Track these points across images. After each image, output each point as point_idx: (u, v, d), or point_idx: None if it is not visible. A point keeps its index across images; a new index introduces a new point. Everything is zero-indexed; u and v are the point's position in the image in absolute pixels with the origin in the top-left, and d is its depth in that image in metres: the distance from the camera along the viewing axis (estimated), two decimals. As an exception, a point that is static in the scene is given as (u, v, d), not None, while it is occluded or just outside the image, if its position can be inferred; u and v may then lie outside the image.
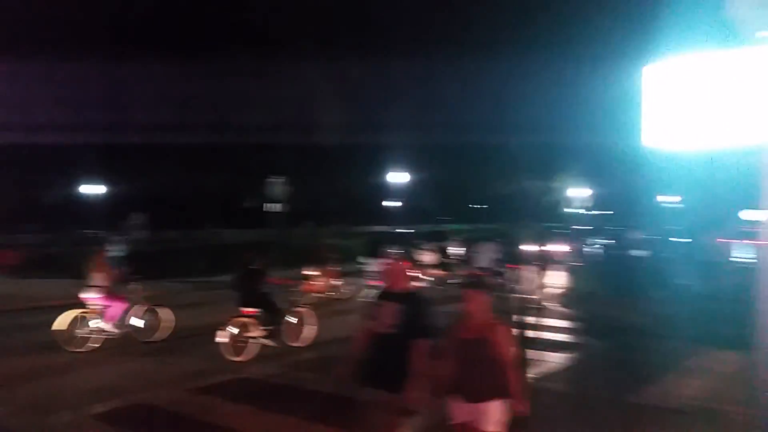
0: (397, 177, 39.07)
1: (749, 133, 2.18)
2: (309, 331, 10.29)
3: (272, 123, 27.46)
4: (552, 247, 20.28)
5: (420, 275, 15.91)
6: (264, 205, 22.95)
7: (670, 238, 22.86)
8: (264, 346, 9.31)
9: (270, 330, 9.35)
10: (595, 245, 28.63)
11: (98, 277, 9.92)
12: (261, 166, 28.45)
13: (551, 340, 11.29)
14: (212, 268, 19.83)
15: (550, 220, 59.53)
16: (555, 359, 9.52)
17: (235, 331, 9.08)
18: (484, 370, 4.07)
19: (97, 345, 9.70)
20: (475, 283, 4.49)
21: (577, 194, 60.04)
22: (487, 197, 60.28)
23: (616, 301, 15.19)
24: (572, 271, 20.35)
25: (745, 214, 26.33)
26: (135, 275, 10.76)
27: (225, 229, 33.20)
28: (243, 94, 26.20)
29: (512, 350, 4.09)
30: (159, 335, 10.38)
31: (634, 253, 19.87)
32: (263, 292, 9.51)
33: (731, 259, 16.44)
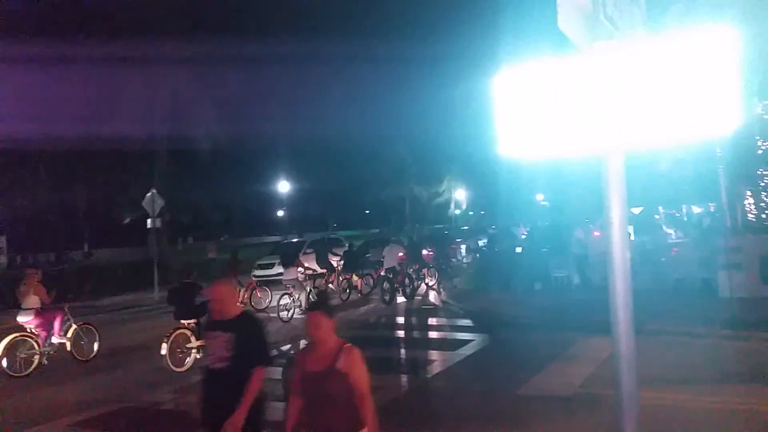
0: (285, 186, 38.63)
1: (593, 142, 2.28)
2: None
3: (147, 132, 26.11)
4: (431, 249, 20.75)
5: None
6: (147, 221, 21.53)
7: (549, 233, 24.30)
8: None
9: None
10: (480, 244, 29.78)
11: (33, 300, 10.17)
12: (138, 180, 26.89)
13: (441, 338, 11.56)
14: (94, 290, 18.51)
15: (437, 222, 61.38)
16: (445, 357, 9.74)
17: (177, 341, 9.55)
18: (335, 405, 3.52)
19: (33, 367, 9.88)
20: (319, 303, 3.76)
21: (460, 196, 62.41)
22: (376, 203, 60.90)
23: (500, 295, 15.85)
24: (458, 268, 21.07)
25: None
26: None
27: (103, 249, 31.20)
28: (113, 100, 24.54)
29: (365, 377, 3.57)
30: (91, 353, 10.72)
31: (516, 248, 20.78)
32: (200, 303, 9.69)
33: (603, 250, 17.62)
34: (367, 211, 67.72)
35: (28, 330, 10.08)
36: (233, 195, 38.61)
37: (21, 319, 10.22)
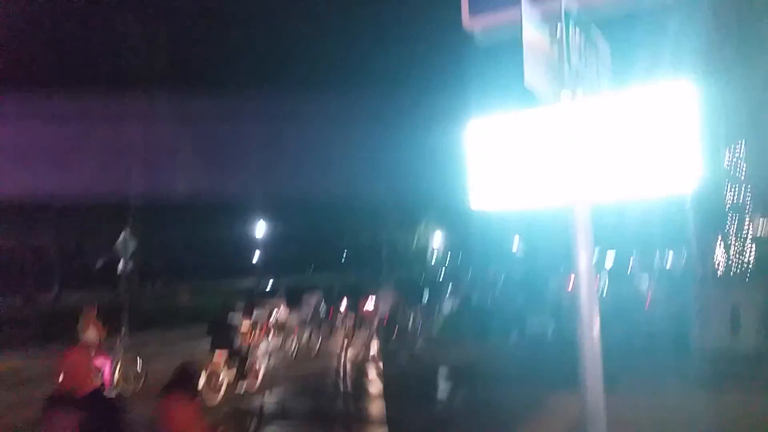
0: (262, 229, 38.37)
1: (560, 194, 2.35)
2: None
3: (118, 173, 25.92)
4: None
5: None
6: (116, 263, 21.09)
7: (526, 282, 24.35)
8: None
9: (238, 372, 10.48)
10: (457, 293, 29.65)
11: (90, 335, 10.39)
12: (108, 221, 26.46)
13: (418, 394, 11.27)
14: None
15: (413, 269, 61.29)
16: (421, 411, 9.52)
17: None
18: None
19: None
20: (178, 382, 2.85)
21: (437, 244, 62.61)
22: (353, 248, 60.78)
23: (475, 346, 15.68)
24: (435, 317, 20.91)
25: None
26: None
27: (73, 291, 30.48)
28: (80, 141, 24.41)
29: None
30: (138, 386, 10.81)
31: (492, 298, 20.74)
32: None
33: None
34: (344, 255, 67.46)
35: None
36: (208, 237, 38.19)
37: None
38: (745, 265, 15.03)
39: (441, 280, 39.65)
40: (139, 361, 11.22)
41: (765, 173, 10.31)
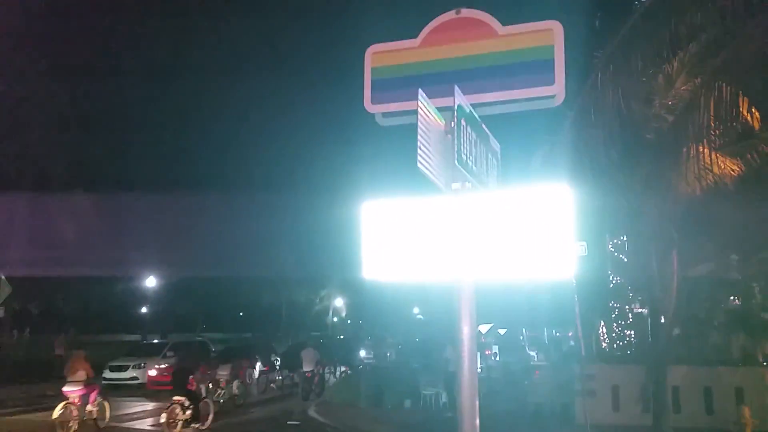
0: (151, 281, 36.50)
1: (446, 271, 2.53)
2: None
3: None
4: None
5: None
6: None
7: (420, 349, 24.55)
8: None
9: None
10: (354, 356, 29.34)
11: (79, 374, 12.50)
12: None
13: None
14: None
15: (314, 329, 60.20)
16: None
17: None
18: None
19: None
20: None
21: (339, 304, 62.11)
22: (250, 305, 59.04)
23: (370, 412, 15.46)
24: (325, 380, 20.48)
25: (481, 328, 29.71)
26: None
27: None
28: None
29: None
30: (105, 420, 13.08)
31: (388, 362, 20.67)
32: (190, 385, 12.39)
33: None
34: (241, 313, 65.26)
35: (71, 399, 12.19)
36: (90, 287, 35.84)
37: (68, 389, 12.34)
38: (626, 345, 16.00)
39: (340, 343, 39.15)
40: None
41: (642, 265, 11.18)
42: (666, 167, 9.30)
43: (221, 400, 15.87)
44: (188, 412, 11.95)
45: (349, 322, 71.58)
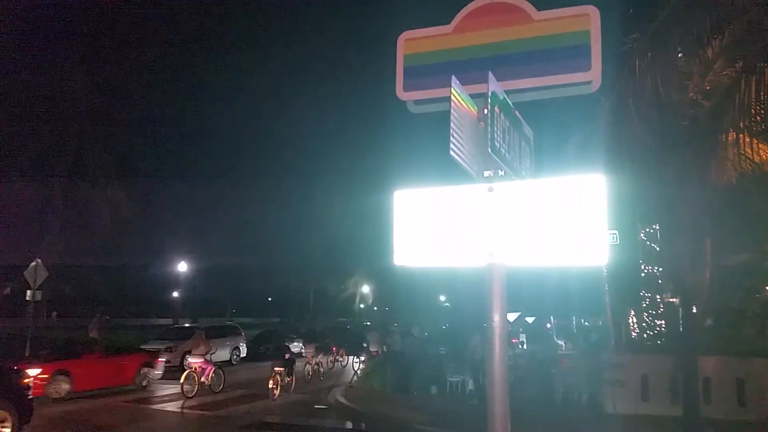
0: (183, 267, 37.06)
1: (477, 256, 2.53)
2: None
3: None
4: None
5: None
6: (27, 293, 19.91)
7: (447, 336, 24.56)
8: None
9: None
10: (382, 342, 29.45)
11: (201, 349, 16.32)
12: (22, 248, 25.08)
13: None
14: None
15: (341, 316, 60.62)
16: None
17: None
18: None
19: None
20: None
21: (366, 291, 62.40)
22: (280, 291, 59.74)
23: (396, 398, 15.56)
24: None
25: (509, 316, 29.36)
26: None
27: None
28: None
29: None
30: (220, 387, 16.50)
31: (415, 349, 20.68)
32: (288, 358, 16.36)
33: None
34: (270, 299, 66.05)
35: (193, 368, 15.71)
36: (125, 273, 36.68)
37: (191, 360, 16.18)
38: (656, 335, 15.79)
39: (367, 329, 39.41)
40: None
41: (675, 254, 10.99)
42: (702, 154, 9.09)
43: (308, 375, 19.40)
44: (287, 379, 15.97)
45: (375, 308, 71.92)
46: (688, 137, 9.43)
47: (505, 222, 2.46)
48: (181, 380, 15.19)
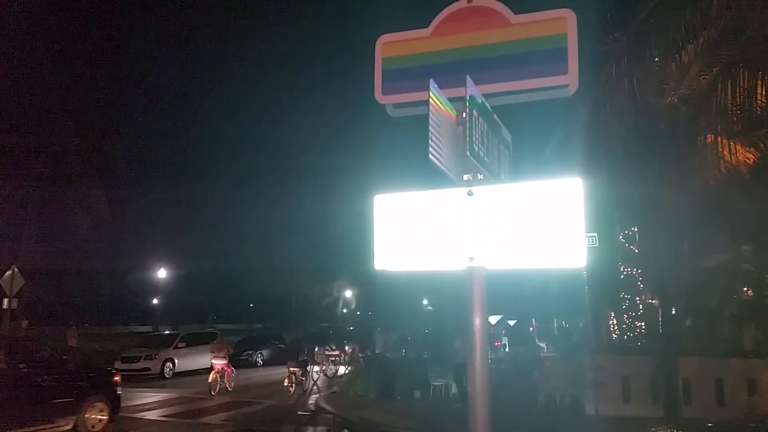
0: (162, 273, 36.63)
1: (457, 260, 2.52)
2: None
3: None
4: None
5: None
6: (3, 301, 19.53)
7: (430, 340, 24.57)
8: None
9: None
10: (365, 346, 29.40)
11: (223, 352, 18.16)
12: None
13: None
14: None
15: (323, 320, 60.39)
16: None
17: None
18: None
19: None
20: None
21: (349, 295, 62.23)
22: (261, 297, 59.32)
23: (380, 403, 15.50)
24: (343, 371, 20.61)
25: (490, 319, 29.65)
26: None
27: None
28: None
29: None
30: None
31: (396, 354, 20.69)
32: (301, 360, 18.32)
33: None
34: (251, 305, 65.59)
35: (217, 368, 17.69)
36: (102, 279, 36.11)
37: (216, 362, 17.92)
38: (637, 336, 15.93)
39: (350, 334, 39.29)
40: None
41: (654, 256, 11.11)
42: (680, 157, 9.21)
43: (329, 375, 21.08)
44: (301, 378, 17.65)
45: (358, 313, 71.76)
46: (666, 140, 9.55)
47: (484, 225, 2.46)
48: (209, 379, 17.33)
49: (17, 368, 10.25)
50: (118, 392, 12.01)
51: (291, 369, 17.40)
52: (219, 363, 17.72)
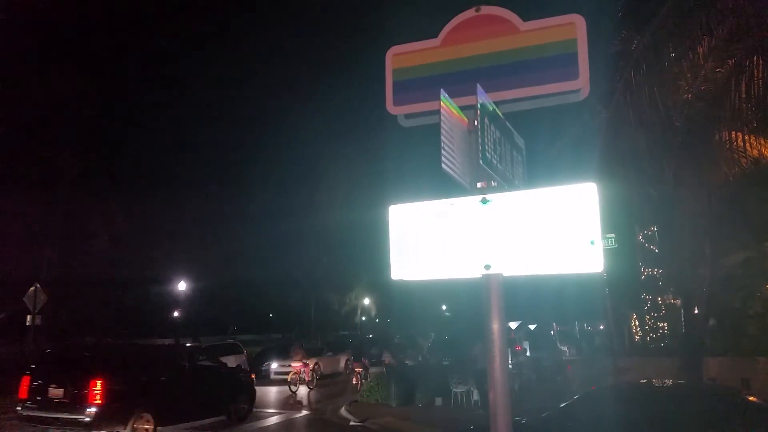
0: (183, 286, 36.93)
1: (474, 268, 2.52)
2: None
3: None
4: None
5: None
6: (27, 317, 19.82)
7: (450, 346, 24.46)
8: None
9: None
10: (385, 354, 29.34)
11: (301, 355, 21.57)
12: (19, 273, 24.99)
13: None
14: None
15: (342, 329, 60.40)
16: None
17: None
18: None
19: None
20: None
21: (367, 303, 62.19)
22: (281, 307, 59.56)
23: (401, 411, 15.45)
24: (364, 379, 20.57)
25: (511, 324, 29.46)
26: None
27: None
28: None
29: None
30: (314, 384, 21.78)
31: (414, 360, 20.61)
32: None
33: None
34: (271, 315, 65.85)
35: (295, 369, 20.86)
36: (124, 294, 36.50)
37: (294, 364, 21.13)
38: (659, 337, 15.73)
39: (370, 342, 39.29)
40: None
41: (674, 255, 10.98)
42: (697, 154, 9.11)
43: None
44: (362, 381, 19.79)
45: (377, 321, 71.65)
46: (683, 138, 9.45)
47: (499, 232, 2.45)
48: (289, 378, 20.58)
49: (199, 371, 13.31)
50: (254, 389, 14.93)
51: (356, 370, 21.34)
52: (297, 365, 21.22)
